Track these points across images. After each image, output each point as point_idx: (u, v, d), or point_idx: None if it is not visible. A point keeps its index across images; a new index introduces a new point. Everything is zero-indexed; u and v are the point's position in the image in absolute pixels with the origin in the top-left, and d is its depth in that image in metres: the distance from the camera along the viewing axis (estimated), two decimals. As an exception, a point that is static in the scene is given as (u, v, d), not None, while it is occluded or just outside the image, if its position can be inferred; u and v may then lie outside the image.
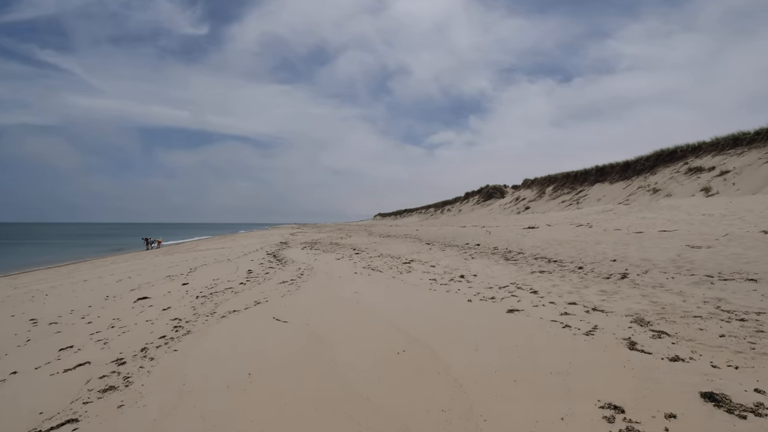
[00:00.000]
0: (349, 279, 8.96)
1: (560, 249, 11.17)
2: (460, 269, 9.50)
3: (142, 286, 10.00)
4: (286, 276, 9.83)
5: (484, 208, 57.67)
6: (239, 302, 6.99)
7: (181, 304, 7.24)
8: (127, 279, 11.92)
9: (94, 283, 11.54)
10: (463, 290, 6.94)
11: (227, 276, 10.54)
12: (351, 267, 11.08)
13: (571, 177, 41.32)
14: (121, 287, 10.08)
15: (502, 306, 5.61)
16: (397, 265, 10.97)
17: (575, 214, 27.54)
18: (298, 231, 48.71)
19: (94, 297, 8.94)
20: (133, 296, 8.46)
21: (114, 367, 4.14)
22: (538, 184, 48.29)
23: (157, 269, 14.18)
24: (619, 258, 8.47)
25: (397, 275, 9.17)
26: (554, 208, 36.75)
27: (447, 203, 77.16)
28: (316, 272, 10.33)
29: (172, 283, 9.87)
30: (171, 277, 11.23)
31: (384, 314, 5.53)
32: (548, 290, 6.40)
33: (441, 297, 6.54)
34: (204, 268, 12.92)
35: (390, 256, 13.21)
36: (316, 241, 24.91)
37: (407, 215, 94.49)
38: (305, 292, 7.56)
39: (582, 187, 37.52)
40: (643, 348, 3.65)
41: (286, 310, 6.17)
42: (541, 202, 42.39)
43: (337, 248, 17.97)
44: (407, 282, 8.18)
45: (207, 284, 9.32)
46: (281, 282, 8.93)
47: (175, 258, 19.04)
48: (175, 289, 8.87)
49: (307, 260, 13.33)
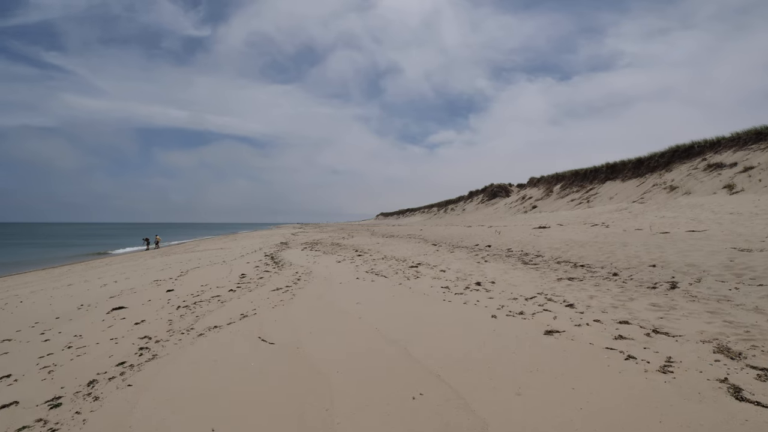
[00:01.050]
0: (351, 286, 8.00)
1: (583, 251, 10.16)
2: (474, 275, 8.51)
3: (125, 292, 9.09)
4: (281, 281, 8.89)
5: (488, 208, 56.61)
6: (223, 315, 6.04)
7: (158, 316, 6.30)
8: (112, 284, 11.02)
9: (77, 289, 10.65)
10: (483, 301, 5.95)
11: (218, 281, 9.61)
12: (353, 271, 10.12)
13: (580, 175, 40.14)
14: (102, 294, 9.17)
15: (535, 325, 4.61)
16: (403, 269, 10.00)
17: (587, 213, 26.48)
18: (300, 231, 47.85)
19: (69, 306, 8.03)
20: (109, 305, 7.55)
21: (43, 412, 3.20)
22: (545, 183, 47.12)
23: (148, 272, 13.29)
24: (658, 263, 7.45)
25: (403, 281, 8.20)
26: (563, 207, 35.64)
27: (450, 202, 76.07)
28: (315, 277, 9.38)
29: (157, 290, 8.95)
30: (158, 281, 10.32)
31: (392, 334, 4.55)
32: (586, 303, 5.40)
33: (458, 311, 5.55)
34: (196, 272, 12.01)
35: (395, 259, 12.24)
36: (317, 241, 23.98)
37: (410, 215, 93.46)
38: (300, 303, 6.60)
39: (592, 186, 36.38)
40: (755, 396, 2.65)
41: (276, 326, 5.22)
42: (548, 200, 41.26)
43: (338, 249, 17.02)
44: (416, 290, 7.20)
45: (194, 291, 8.39)
46: (275, 289, 7.98)
47: (170, 259, 18.17)
48: (158, 297, 7.95)
49: (306, 263, 12.39)
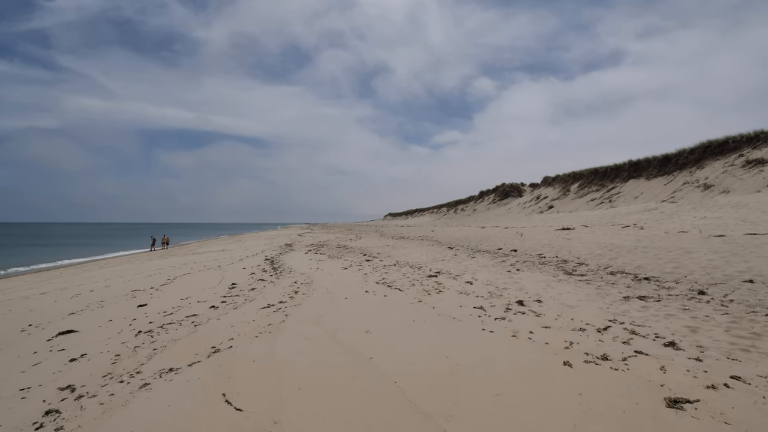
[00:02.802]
0: (358, 303, 6.48)
1: (635, 259, 8.53)
2: (509, 288, 6.94)
3: (91, 306, 7.69)
4: (275, 295, 7.40)
5: (501, 208, 54.75)
6: (190, 347, 4.57)
7: (106, 347, 4.85)
8: (87, 293, 9.65)
9: (45, 300, 9.29)
10: (537, 333, 4.38)
11: (203, 292, 8.17)
12: (360, 281, 8.60)
13: (600, 173, 38.19)
14: (64, 308, 7.77)
15: (639, 384, 3.00)
16: (420, 279, 8.45)
17: (611, 213, 24.67)
18: (307, 231, 46.54)
19: (16, 324, 6.64)
20: (61, 326, 6.13)
21: None
22: (561, 182, 45.18)
23: (134, 279, 11.93)
24: (752, 276, 5.80)
25: (423, 297, 6.65)
26: (582, 207, 33.77)
27: (460, 202, 74.18)
28: (315, 289, 7.88)
29: (128, 304, 7.53)
30: (136, 292, 8.90)
31: (423, 401, 2.98)
32: (691, 340, 3.79)
33: (511, 351, 3.97)
34: (184, 279, 10.61)
35: (409, 266, 10.69)
36: (323, 243, 22.53)
37: (418, 215, 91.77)
38: (291, 330, 5.08)
39: (613, 184, 34.44)
40: None
41: (252, 372, 3.71)
42: (566, 200, 39.37)
43: (345, 252, 15.53)
44: (442, 311, 5.66)
45: (169, 306, 6.94)
46: (265, 306, 6.48)
47: (165, 263, 16.85)
48: (122, 316, 6.50)
49: (308, 269, 10.91)
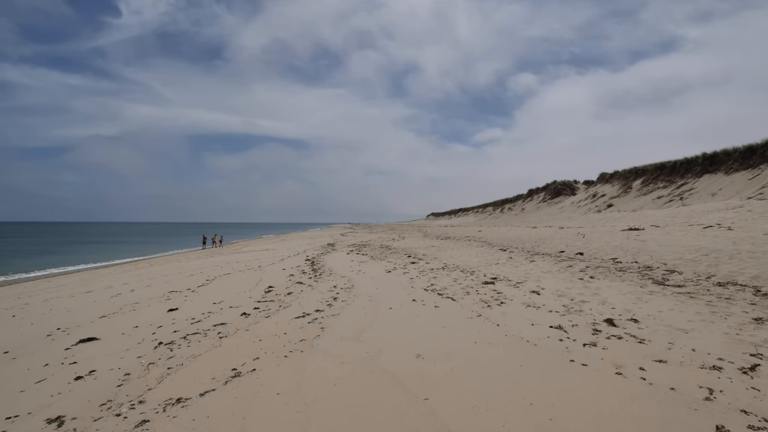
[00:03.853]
0: (405, 315, 5.53)
1: (743, 266, 6.82)
2: (589, 301, 5.68)
3: (123, 309, 7.36)
4: (312, 301, 6.64)
5: (552, 207, 51.58)
6: (207, 368, 3.85)
7: (118, 363, 4.26)
8: (128, 293, 9.50)
9: (85, 300, 9.23)
10: (652, 371, 3.17)
11: (238, 296, 7.62)
12: (406, 286, 7.65)
13: (667, 168, 34.59)
14: (98, 310, 7.50)
15: None
16: (475, 286, 7.34)
17: (684, 212, 21.88)
18: (350, 231, 46.39)
19: (47, 327, 6.36)
20: (86, 332, 5.74)
21: None
22: (621, 178, 41.60)
23: (176, 278, 11.81)
24: None
25: (483, 309, 5.57)
26: (648, 206, 30.60)
27: (507, 201, 71.11)
28: (356, 295, 7.04)
29: (159, 308, 7.10)
30: (170, 294, 8.56)
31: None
32: None
33: (625, 402, 2.81)
34: (222, 280, 10.23)
35: (460, 269, 9.58)
36: (365, 243, 21.84)
37: (462, 215, 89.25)
38: (326, 350, 4.22)
39: (684, 180, 30.96)
40: None
41: (272, 412, 2.87)
42: (627, 198, 36.05)
43: (388, 254, 14.65)
44: (510, 330, 4.56)
45: (199, 312, 6.39)
46: (300, 315, 5.72)
47: (210, 261, 16.92)
48: (149, 322, 6.02)
49: (349, 272, 10.13)
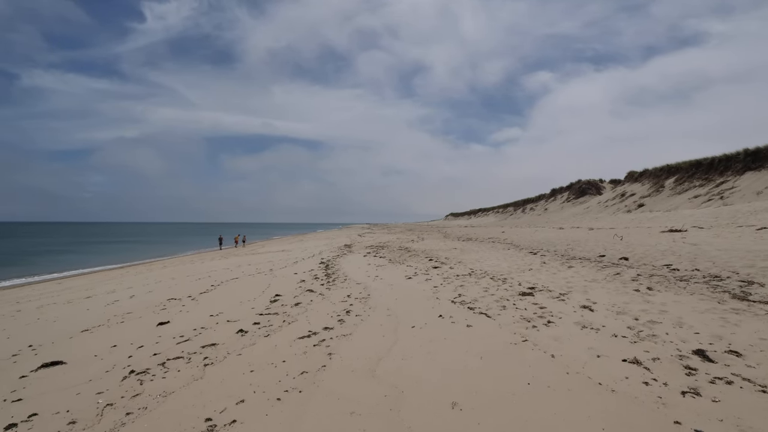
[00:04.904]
0: (431, 338, 4.49)
1: None
2: (660, 322, 4.55)
3: (113, 319, 6.62)
4: (322, 315, 5.71)
5: (577, 207, 49.54)
6: (174, 417, 2.93)
7: (69, 402, 3.40)
8: (126, 299, 8.84)
9: (80, 306, 8.61)
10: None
11: (239, 307, 6.78)
12: (430, 297, 6.64)
13: (704, 166, 32.44)
14: (86, 320, 6.80)
15: None
16: (511, 297, 6.27)
17: (727, 212, 20.09)
18: (368, 232, 45.56)
19: (21, 342, 5.64)
20: (57, 351, 4.99)
21: None
22: (652, 177, 39.42)
23: (182, 281, 11.15)
24: None
25: (528, 332, 4.51)
26: (684, 205, 28.64)
27: (529, 201, 69.10)
28: (373, 307, 6.08)
29: (150, 319, 6.31)
30: (167, 302, 7.79)
31: None
32: None
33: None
34: (228, 286, 9.46)
35: (489, 276, 8.49)
36: (383, 244, 20.89)
37: (482, 215, 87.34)
38: (332, 390, 3.22)
39: (723, 178, 28.88)
40: None
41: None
42: (660, 197, 34.00)
43: (407, 257, 13.66)
44: (570, 365, 3.49)
45: (190, 328, 5.54)
46: (305, 335, 4.78)
47: (222, 264, 16.31)
48: (131, 340, 5.19)
49: (365, 277, 9.19)
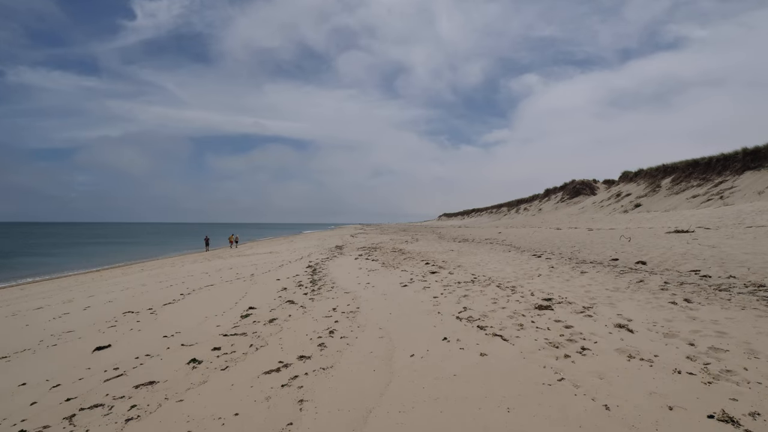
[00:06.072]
0: (436, 373, 3.40)
1: None
2: (726, 349, 3.51)
3: (41, 345, 5.47)
4: (300, 337, 4.63)
5: (571, 207, 49.07)
6: None
7: None
8: (78, 312, 7.67)
9: (12, 324, 7.43)
10: None
11: (205, 321, 5.68)
12: (430, 312, 5.59)
13: (701, 165, 32.00)
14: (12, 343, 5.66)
15: None
16: (526, 312, 5.26)
17: (731, 212, 19.45)
18: (360, 232, 44.50)
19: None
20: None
21: None
22: (647, 177, 38.98)
23: (151, 289, 9.96)
24: None
25: (560, 364, 3.49)
26: (683, 205, 28.09)
27: (522, 201, 68.68)
28: (362, 326, 5.01)
29: (88, 342, 5.16)
30: (121, 317, 6.63)
31: None
32: None
33: None
34: (199, 295, 8.33)
35: (495, 284, 7.49)
36: (376, 246, 19.86)
37: (475, 215, 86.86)
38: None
39: (722, 178, 28.41)
40: None
41: None
42: (656, 197, 33.49)
43: (401, 259, 12.63)
44: (638, 426, 2.48)
45: (131, 356, 4.42)
46: (273, 369, 3.69)
47: (200, 267, 15.10)
48: (45, 377, 4.05)
49: (356, 285, 8.14)
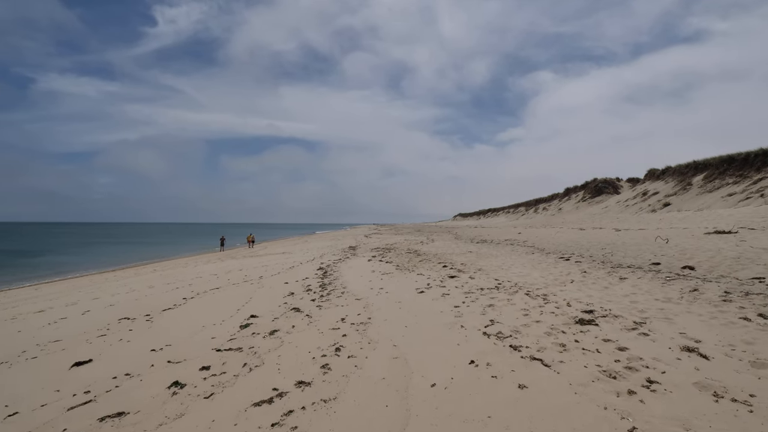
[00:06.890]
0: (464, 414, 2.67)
1: None
2: None
3: (23, 356, 4.98)
4: (301, 356, 3.97)
5: (593, 206, 47.23)
6: None
7: None
8: (76, 318, 7.23)
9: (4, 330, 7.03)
10: None
11: (202, 331, 5.11)
12: (453, 325, 4.86)
13: (737, 161, 30.10)
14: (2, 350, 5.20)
15: None
16: (567, 330, 4.46)
17: (775, 210, 17.96)
18: (374, 233, 43.91)
19: None
20: None
21: None
22: (677, 174, 37.03)
23: (155, 292, 9.52)
24: None
25: (621, 401, 2.70)
26: (717, 204, 26.40)
27: (541, 201, 66.86)
28: (373, 344, 4.33)
29: (70, 354, 4.63)
30: (112, 326, 6.14)
31: None
32: None
33: None
34: (202, 300, 7.82)
35: (523, 291, 6.68)
36: (390, 246, 19.15)
37: (492, 215, 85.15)
38: None
39: (762, 174, 26.59)
40: None
41: None
42: (687, 196, 31.70)
43: (417, 261, 11.89)
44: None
45: (109, 375, 3.87)
46: (264, 400, 3.03)
47: (210, 268, 14.70)
48: (13, 397, 3.56)
49: (367, 290, 7.46)
